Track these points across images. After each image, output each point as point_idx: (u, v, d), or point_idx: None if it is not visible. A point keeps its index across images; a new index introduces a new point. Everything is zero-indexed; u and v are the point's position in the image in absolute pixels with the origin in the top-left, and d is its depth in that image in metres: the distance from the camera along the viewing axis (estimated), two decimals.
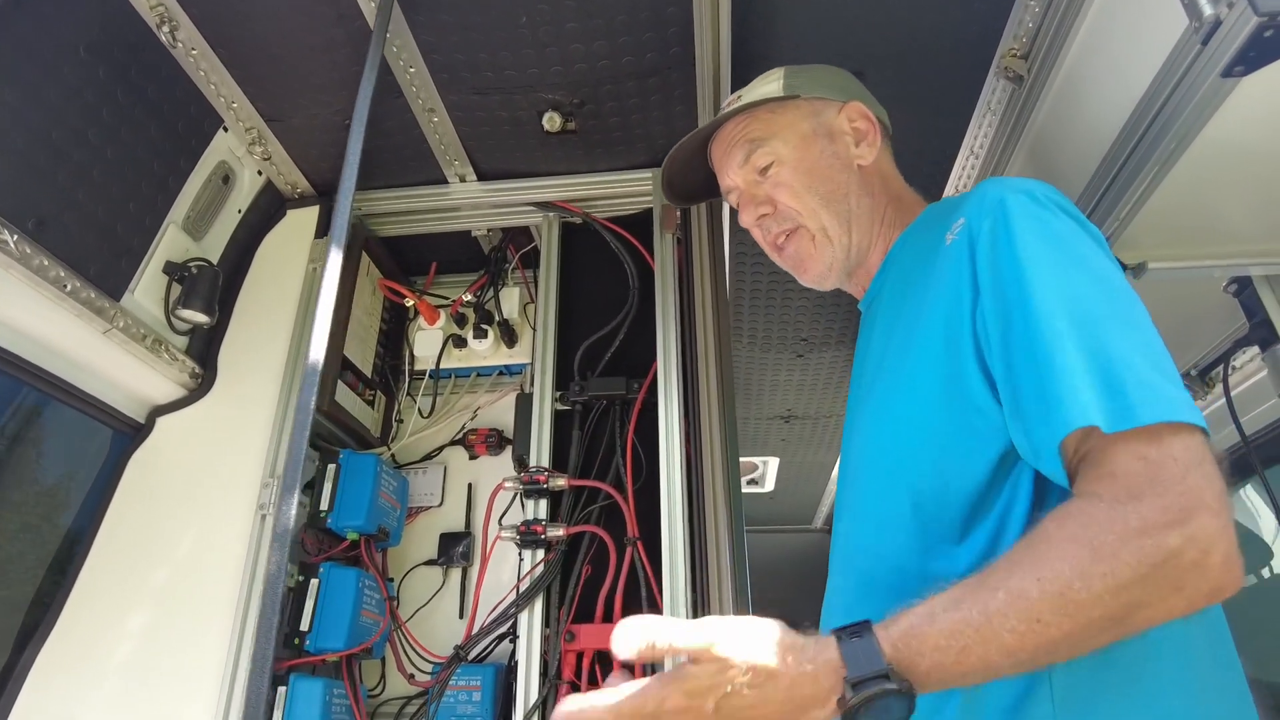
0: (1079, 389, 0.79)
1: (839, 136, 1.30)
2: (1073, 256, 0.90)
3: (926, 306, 1.02)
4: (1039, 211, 0.94)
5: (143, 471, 1.77)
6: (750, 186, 1.31)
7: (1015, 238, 0.92)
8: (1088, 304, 0.85)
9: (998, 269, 0.92)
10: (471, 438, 2.06)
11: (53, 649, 1.61)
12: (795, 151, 1.27)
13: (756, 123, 1.31)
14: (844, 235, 1.25)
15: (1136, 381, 0.78)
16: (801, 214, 1.26)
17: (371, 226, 2.07)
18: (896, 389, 1.05)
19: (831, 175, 1.26)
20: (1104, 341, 0.81)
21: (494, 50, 1.64)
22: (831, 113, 1.31)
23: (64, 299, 1.48)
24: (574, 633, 1.58)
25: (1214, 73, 1.09)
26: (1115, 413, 0.77)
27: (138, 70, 1.57)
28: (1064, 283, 0.87)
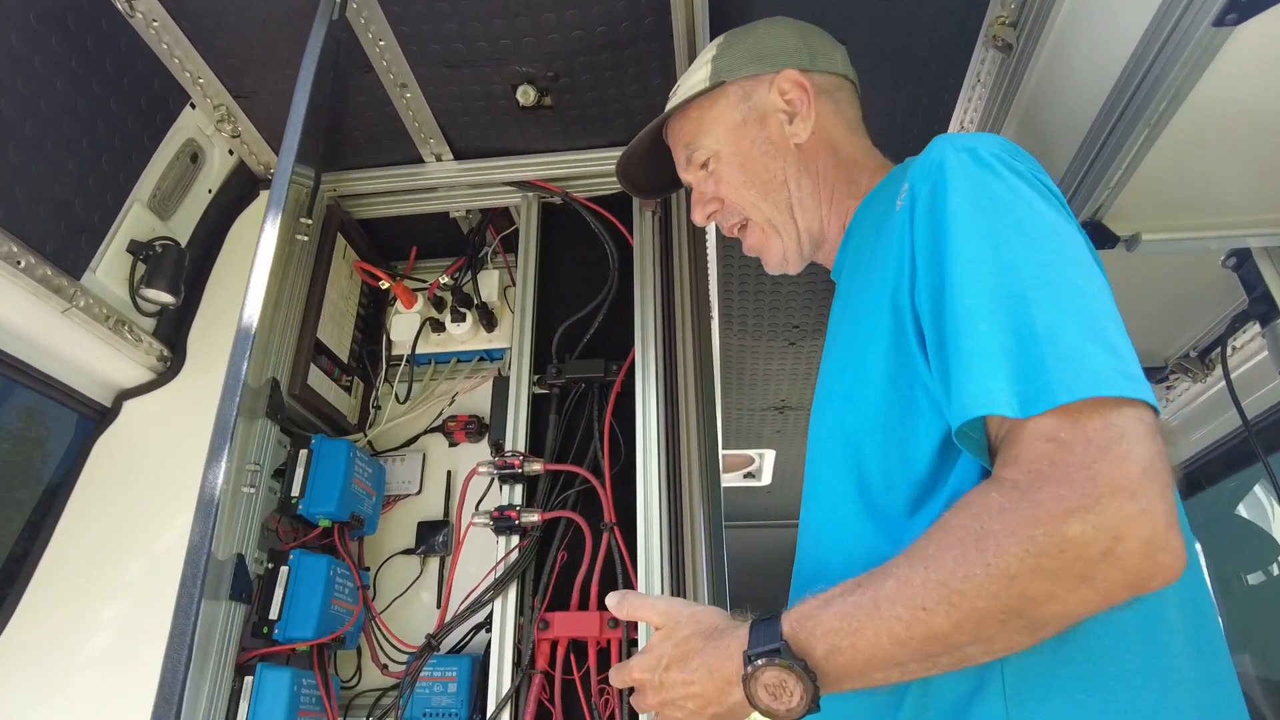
0: (988, 374, 0.74)
1: (771, 117, 1.23)
2: (1009, 219, 0.82)
3: (875, 279, 0.97)
4: (978, 172, 0.86)
5: (109, 457, 1.73)
6: (698, 184, 1.31)
7: (948, 203, 0.85)
8: (1017, 272, 0.78)
9: (932, 238, 0.86)
10: (451, 424, 2.01)
11: (11, 641, 1.57)
12: (728, 145, 1.25)
13: (689, 123, 1.30)
14: (789, 223, 1.22)
15: (1059, 356, 0.71)
16: (745, 208, 1.24)
17: (347, 208, 2.02)
18: (846, 366, 1.01)
19: (767, 164, 1.22)
20: (1028, 314, 0.75)
21: (463, 20, 1.59)
22: (763, 91, 1.24)
23: (18, 275, 1.44)
24: (548, 620, 1.53)
25: (1205, 22, 1.04)
26: (1028, 396, 0.71)
27: (94, 41, 1.52)
28: (993, 251, 0.80)
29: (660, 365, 1.66)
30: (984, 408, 0.73)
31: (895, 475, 0.89)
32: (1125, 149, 1.28)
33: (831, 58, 1.29)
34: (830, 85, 1.26)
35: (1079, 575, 0.65)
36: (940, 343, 0.81)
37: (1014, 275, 0.77)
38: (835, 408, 1.01)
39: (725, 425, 3.48)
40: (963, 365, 0.76)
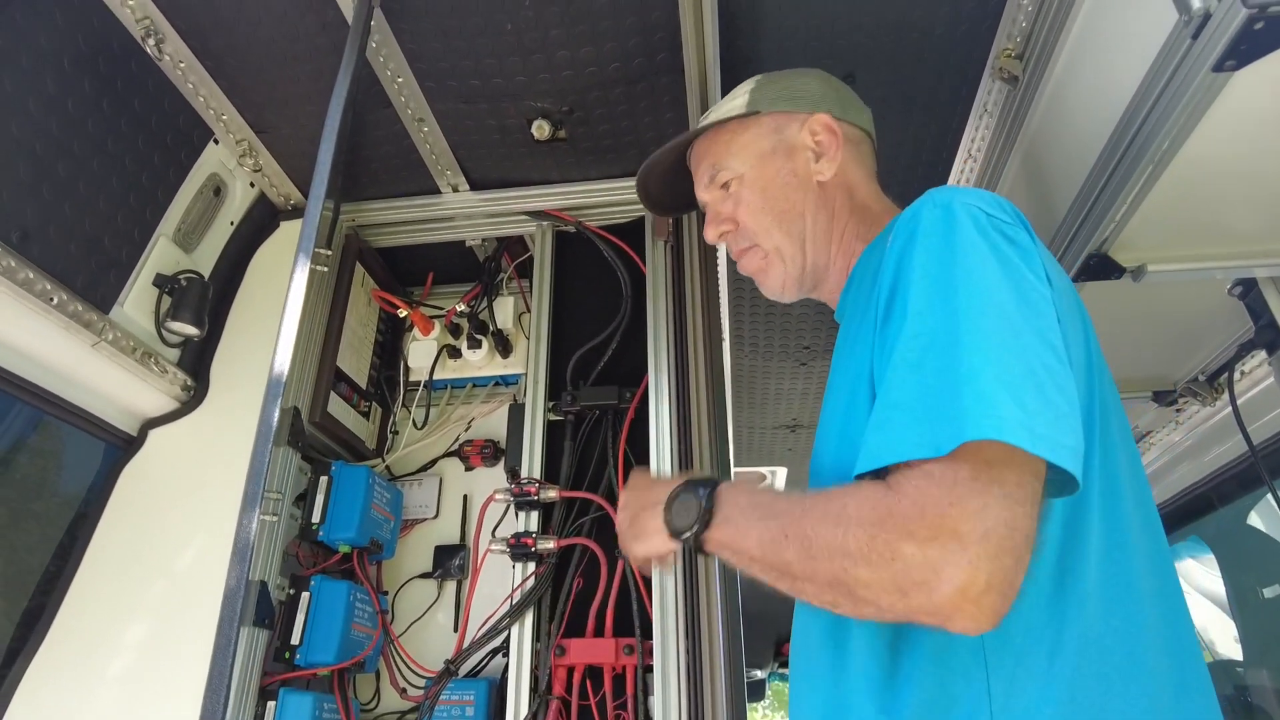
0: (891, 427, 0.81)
1: (798, 153, 1.28)
2: (962, 273, 0.85)
3: (865, 324, 1.01)
4: (947, 228, 0.89)
5: (135, 484, 1.77)
6: (715, 203, 1.33)
7: (914, 257, 0.90)
8: (957, 324, 0.81)
9: (894, 289, 0.91)
10: (467, 449, 2.05)
11: (44, 661, 1.61)
12: (753, 170, 1.28)
13: (719, 144, 1.33)
14: (798, 254, 1.26)
15: (973, 401, 0.76)
16: (757, 233, 1.27)
17: (366, 237, 2.06)
18: (839, 408, 1.03)
19: (787, 194, 1.26)
20: (954, 363, 0.79)
21: (479, 58, 1.63)
22: (794, 128, 1.29)
23: (50, 312, 1.48)
24: (564, 647, 1.55)
25: (1205, 67, 1.06)
26: (922, 443, 0.78)
27: (123, 82, 1.57)
28: (941, 304, 0.84)
29: (673, 392, 1.69)
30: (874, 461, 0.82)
31: None
32: (1129, 185, 1.30)
33: (860, 113, 1.35)
34: (855, 136, 1.31)
35: (896, 585, 0.75)
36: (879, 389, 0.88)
37: (948, 327, 0.82)
38: (833, 447, 1.04)
39: (738, 443, 3.50)
40: (875, 419, 0.84)
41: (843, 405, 1.02)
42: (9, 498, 1.66)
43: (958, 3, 1.54)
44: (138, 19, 1.54)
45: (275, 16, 1.56)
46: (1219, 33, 1.01)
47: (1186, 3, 1.03)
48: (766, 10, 1.58)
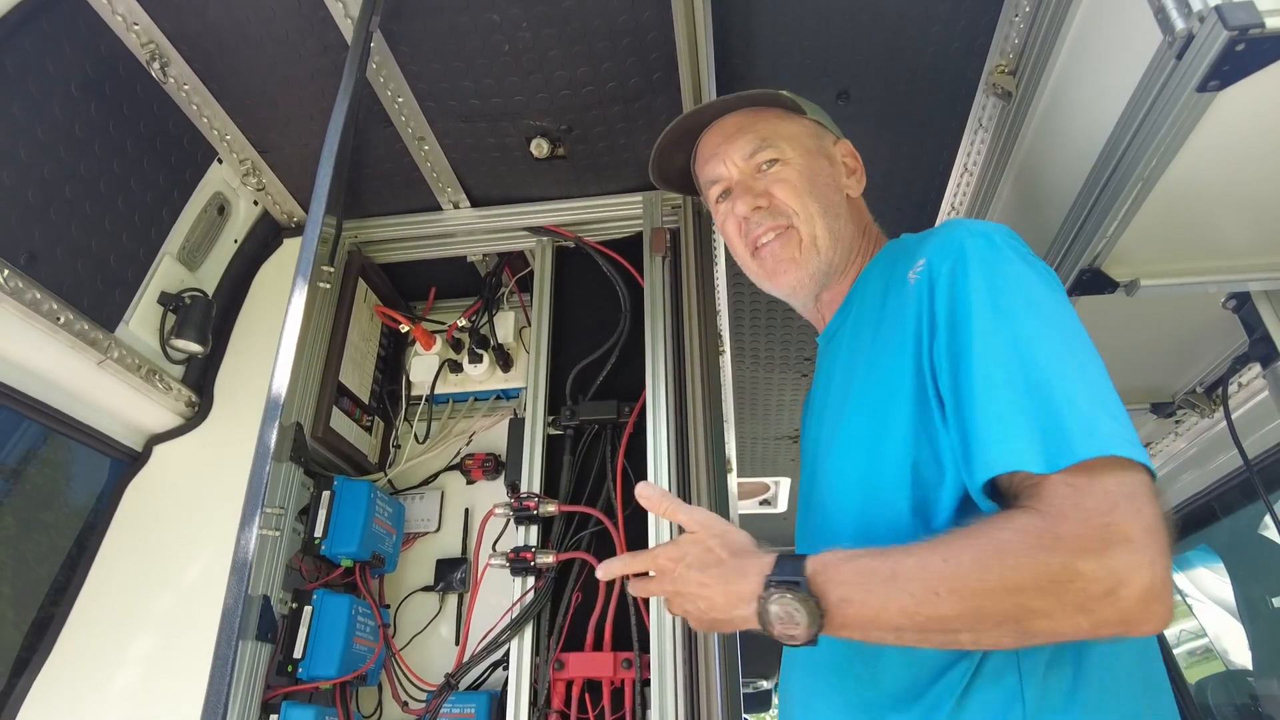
0: (1008, 433, 0.83)
1: (836, 163, 1.32)
2: (1021, 298, 0.93)
3: (893, 342, 1.04)
4: (994, 256, 0.97)
5: (140, 498, 1.79)
6: (748, 178, 1.29)
7: (970, 280, 0.95)
8: (1032, 345, 0.88)
9: (953, 310, 0.95)
10: (468, 463, 2.06)
11: (52, 673, 1.63)
12: (801, 158, 1.27)
13: (765, 121, 1.30)
14: (831, 249, 1.24)
15: (1076, 419, 0.81)
16: (799, 215, 1.24)
17: (368, 254, 2.08)
18: (867, 426, 1.06)
19: (828, 193, 1.27)
20: (1044, 381, 0.84)
21: (478, 78, 1.66)
22: (829, 141, 1.34)
23: (58, 331, 1.51)
24: (563, 661, 1.56)
25: (1190, 87, 1.07)
26: (1050, 453, 0.80)
27: (129, 105, 1.60)
28: (1010, 325, 0.90)
29: (671, 406, 1.70)
30: (1011, 464, 0.81)
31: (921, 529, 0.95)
32: (1120, 201, 1.32)
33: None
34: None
35: (1078, 605, 0.74)
36: (959, 405, 0.90)
37: (1028, 347, 0.88)
38: (855, 463, 1.06)
39: (740, 454, 3.50)
40: (986, 427, 0.85)
41: (871, 420, 1.05)
42: (18, 509, 1.69)
43: (950, 20, 1.56)
44: (143, 43, 1.57)
45: (277, 39, 1.59)
46: (1202, 54, 1.03)
47: (1170, 24, 1.04)
48: (760, 29, 1.60)
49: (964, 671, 0.89)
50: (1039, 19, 1.47)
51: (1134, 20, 1.16)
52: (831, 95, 1.74)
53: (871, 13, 1.56)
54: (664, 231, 1.88)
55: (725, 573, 0.95)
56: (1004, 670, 0.87)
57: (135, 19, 1.54)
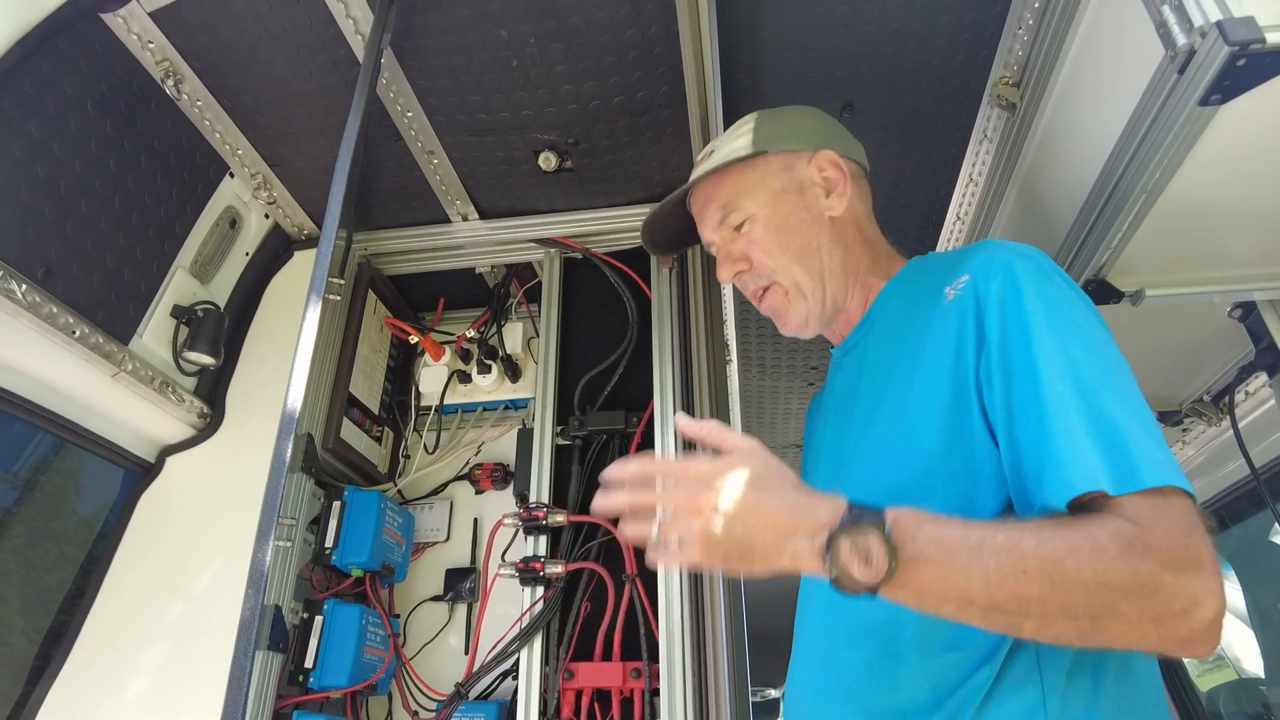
0: (1085, 454, 0.83)
1: (809, 189, 1.30)
2: (1072, 324, 0.94)
3: (927, 358, 1.05)
4: (1043, 280, 0.99)
5: (153, 509, 1.81)
6: (726, 244, 1.33)
7: (1023, 300, 0.96)
8: (1086, 371, 0.89)
9: (1005, 328, 0.96)
10: (477, 472, 2.08)
11: (66, 682, 1.65)
12: (766, 209, 1.28)
13: (727, 184, 1.32)
14: (818, 289, 1.26)
15: (1137, 447, 0.83)
16: (775, 271, 1.27)
17: (378, 266, 2.10)
18: (896, 437, 1.06)
19: (803, 230, 1.27)
20: (1103, 408, 0.86)
21: (487, 93, 1.68)
22: (802, 164, 1.31)
23: (72, 344, 1.53)
24: (573, 671, 1.57)
25: (1192, 101, 1.08)
26: (1121, 476, 0.81)
27: (144, 122, 1.63)
28: (1066, 349, 0.91)
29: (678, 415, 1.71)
30: (1089, 484, 0.82)
31: None
32: (1124, 213, 1.32)
33: (857, 150, 1.38)
34: (857, 173, 1.34)
35: (1154, 616, 0.76)
36: (1015, 422, 0.91)
37: (1086, 373, 0.89)
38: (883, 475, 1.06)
39: None
40: (1062, 446, 0.85)
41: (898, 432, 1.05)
42: (34, 519, 1.71)
43: (954, 33, 1.57)
44: (157, 61, 1.60)
45: (288, 56, 1.61)
46: (1203, 68, 1.04)
47: (1172, 39, 1.05)
48: (766, 43, 1.62)
49: (985, 680, 0.89)
50: (1043, 31, 1.48)
51: (1136, 34, 1.17)
52: (837, 108, 1.75)
53: (876, 25, 1.57)
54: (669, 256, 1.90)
55: (794, 501, 0.86)
56: (1025, 680, 0.88)
57: (150, 37, 1.57)
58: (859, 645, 1.02)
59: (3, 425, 1.60)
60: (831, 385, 1.34)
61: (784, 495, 0.87)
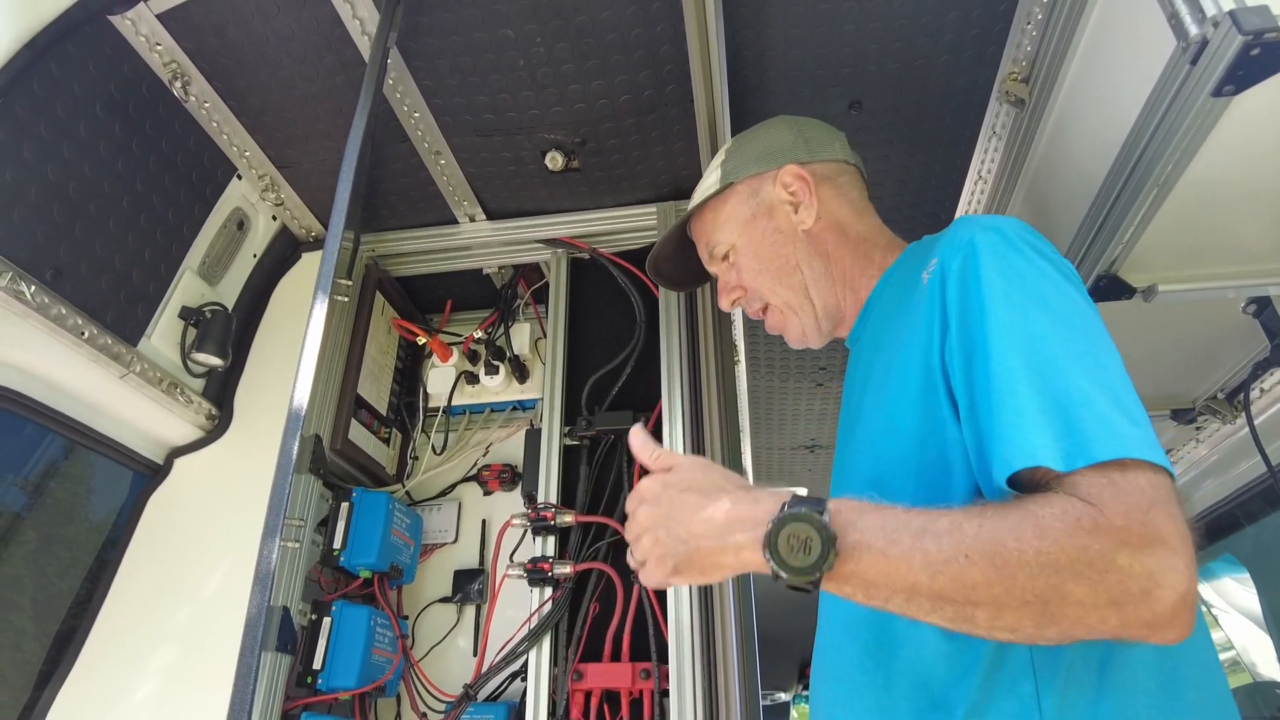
0: (1029, 429, 0.80)
1: (778, 209, 1.32)
2: (1035, 295, 0.91)
3: (904, 344, 1.04)
4: (1006, 251, 0.95)
5: (162, 511, 1.81)
6: (723, 275, 1.40)
7: (980, 276, 0.93)
8: (1047, 343, 0.86)
9: (964, 307, 0.93)
10: (485, 473, 2.07)
11: (75, 685, 1.65)
12: (742, 238, 1.34)
13: (706, 222, 1.41)
14: (806, 304, 1.30)
15: (1095, 419, 0.78)
16: (764, 293, 1.33)
17: (385, 267, 2.10)
18: (876, 426, 1.06)
19: (778, 251, 1.31)
20: (1060, 380, 0.82)
21: (493, 93, 1.68)
22: (768, 186, 1.34)
23: (81, 345, 1.53)
24: (581, 672, 1.56)
25: (1205, 92, 1.07)
26: (1070, 451, 0.77)
27: (152, 124, 1.63)
28: (1024, 322, 0.88)
29: (687, 416, 1.70)
30: (1028, 460, 0.78)
31: None
32: (1135, 207, 1.31)
33: (830, 146, 1.37)
34: (831, 172, 1.34)
35: (1111, 599, 0.71)
36: (973, 403, 0.87)
37: (1044, 345, 0.85)
38: (864, 464, 1.07)
39: (757, 464, 3.51)
40: (1005, 423, 0.81)
41: (880, 422, 1.05)
42: (42, 522, 1.71)
43: (962, 29, 1.56)
44: (165, 63, 1.60)
45: (295, 58, 1.62)
46: (1216, 59, 1.03)
47: (1184, 30, 1.04)
48: (772, 42, 1.61)
49: (979, 680, 0.87)
50: (1051, 26, 1.47)
51: (1147, 26, 1.16)
52: (844, 105, 1.75)
53: (883, 22, 1.56)
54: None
55: (731, 497, 0.87)
56: (1020, 678, 0.85)
57: (158, 39, 1.57)
58: (855, 640, 1.01)
59: (14, 428, 1.61)
60: (845, 379, 1.34)
61: (724, 497, 0.87)
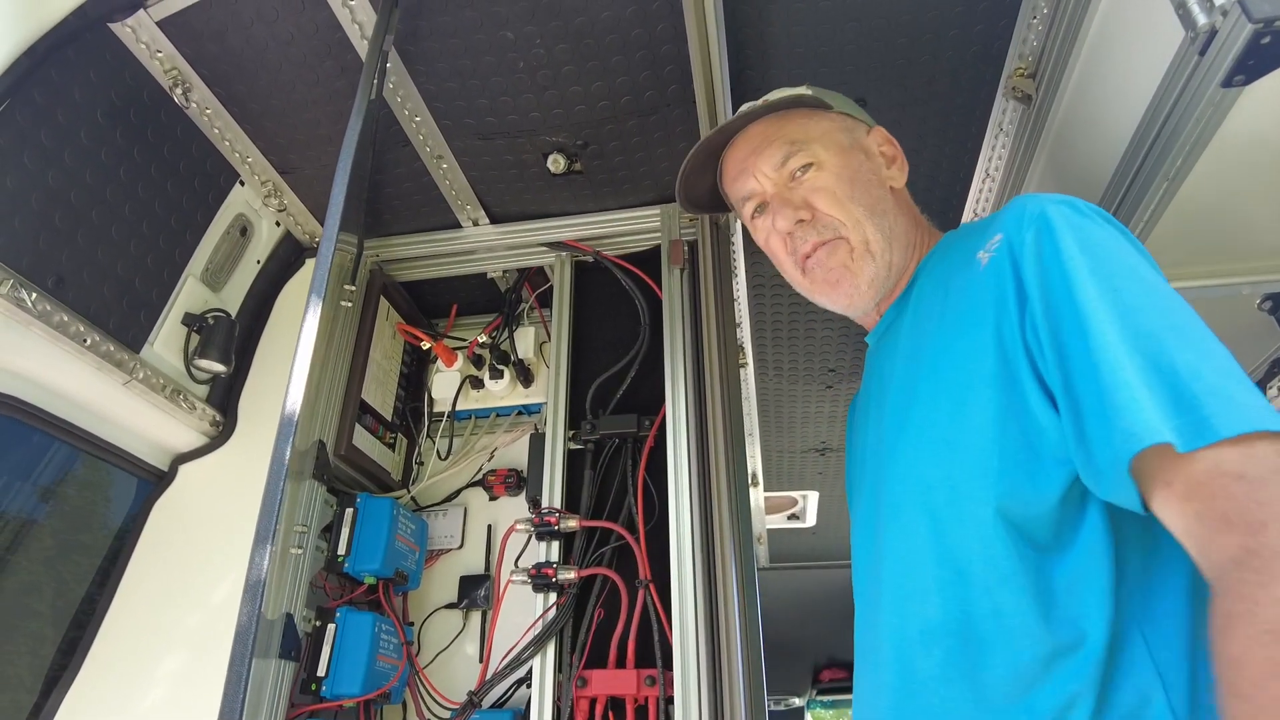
0: (1143, 405, 0.74)
1: (874, 156, 1.25)
2: (1122, 266, 0.86)
3: (966, 329, 0.97)
4: (1082, 222, 0.91)
5: (166, 518, 1.81)
6: (784, 190, 1.21)
7: (1061, 249, 0.88)
8: (1142, 315, 0.80)
9: (1045, 281, 0.88)
10: (490, 478, 2.06)
11: (80, 693, 1.64)
12: (836, 159, 1.19)
13: (792, 124, 1.23)
14: (886, 251, 1.16)
15: (1209, 392, 0.73)
16: (845, 223, 1.16)
17: (389, 272, 2.10)
18: (938, 420, 0.98)
19: (871, 190, 1.18)
20: (1165, 353, 0.76)
21: (494, 96, 1.67)
22: (862, 132, 1.27)
23: (84, 353, 1.53)
24: (586, 678, 1.55)
25: (1214, 83, 1.05)
26: (1190, 429, 0.71)
27: (153, 131, 1.63)
28: (1114, 295, 0.82)
29: (691, 420, 1.69)
30: (1148, 439, 0.73)
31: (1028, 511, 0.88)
32: (1145, 202, 1.29)
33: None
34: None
35: None
36: (1070, 383, 0.82)
37: (1142, 317, 0.80)
38: (927, 467, 0.98)
39: (766, 468, 3.48)
40: (1113, 404, 0.76)
41: (944, 412, 0.97)
42: (48, 530, 1.71)
43: (966, 24, 1.54)
44: (166, 70, 1.61)
45: (295, 63, 1.61)
46: (1226, 48, 1.00)
47: (1192, 19, 1.02)
48: (774, 39, 1.59)
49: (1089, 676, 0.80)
50: (1057, 20, 1.45)
51: (1155, 17, 1.14)
52: None
53: (887, 19, 1.55)
54: (682, 244, 1.88)
55: None
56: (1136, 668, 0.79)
57: (159, 46, 1.57)
58: (933, 649, 0.92)
59: (20, 436, 1.61)
60: (868, 378, 1.26)
61: None
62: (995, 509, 0.88)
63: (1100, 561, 0.83)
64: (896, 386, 1.10)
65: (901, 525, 1.01)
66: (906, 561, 0.99)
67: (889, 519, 1.04)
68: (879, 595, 1.03)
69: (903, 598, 0.98)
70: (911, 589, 0.97)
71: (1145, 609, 0.82)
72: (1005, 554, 0.87)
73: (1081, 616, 0.82)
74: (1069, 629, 0.83)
